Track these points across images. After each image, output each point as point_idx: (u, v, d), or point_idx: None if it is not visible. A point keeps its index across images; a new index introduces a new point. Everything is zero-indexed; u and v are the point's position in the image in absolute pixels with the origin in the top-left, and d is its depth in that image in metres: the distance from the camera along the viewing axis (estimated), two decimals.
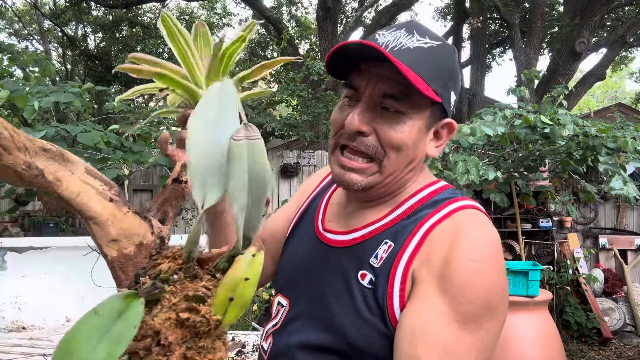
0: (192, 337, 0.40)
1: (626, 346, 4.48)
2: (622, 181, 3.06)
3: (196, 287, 0.42)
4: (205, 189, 0.42)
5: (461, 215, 0.70)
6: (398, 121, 0.70)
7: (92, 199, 0.45)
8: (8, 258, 3.94)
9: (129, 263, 0.46)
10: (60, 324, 3.54)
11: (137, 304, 0.39)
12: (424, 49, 0.69)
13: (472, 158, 3.26)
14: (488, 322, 0.64)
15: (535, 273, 3.30)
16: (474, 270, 0.64)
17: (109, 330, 0.37)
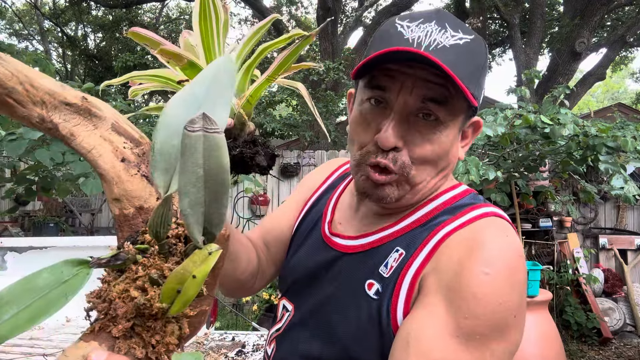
0: (138, 316, 0.40)
1: (626, 346, 4.48)
2: (622, 180, 3.06)
3: (161, 267, 0.41)
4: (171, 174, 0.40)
5: (482, 223, 0.64)
6: (434, 131, 0.63)
7: (102, 156, 0.45)
8: (8, 258, 3.94)
9: (126, 223, 0.46)
10: (60, 324, 3.54)
11: (82, 276, 0.38)
12: (459, 45, 0.62)
13: (472, 158, 3.26)
14: (495, 342, 0.57)
15: (535, 273, 3.30)
16: (485, 283, 0.57)
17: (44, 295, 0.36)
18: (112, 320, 0.39)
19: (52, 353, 2.69)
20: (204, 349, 2.62)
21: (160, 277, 0.40)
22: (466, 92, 0.60)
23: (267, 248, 0.86)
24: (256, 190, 5.40)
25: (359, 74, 0.66)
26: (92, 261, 0.40)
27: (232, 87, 0.44)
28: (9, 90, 0.39)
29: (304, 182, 0.92)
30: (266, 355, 0.82)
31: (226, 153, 0.38)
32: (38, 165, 3.55)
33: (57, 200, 5.31)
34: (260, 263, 0.83)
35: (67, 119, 0.44)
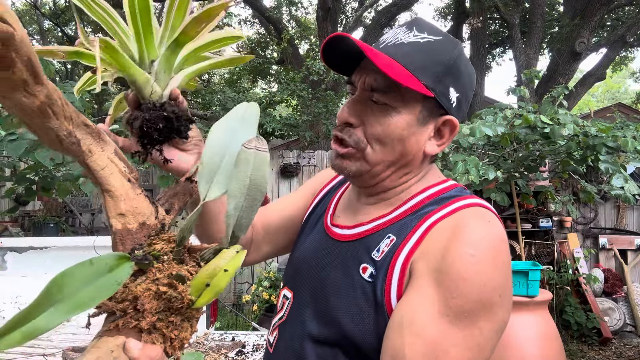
0: (165, 310, 0.45)
1: (626, 346, 4.48)
2: (622, 179, 3.06)
3: (180, 269, 0.47)
4: (211, 184, 0.49)
5: (466, 212, 0.69)
6: (385, 114, 0.70)
7: (113, 175, 0.51)
8: (8, 258, 3.94)
9: (129, 237, 0.50)
10: (60, 323, 3.55)
11: (126, 266, 0.45)
12: (419, 43, 0.69)
13: (472, 158, 3.26)
14: (483, 320, 0.62)
15: (535, 273, 3.30)
16: (471, 265, 0.62)
17: (97, 280, 0.42)
18: (137, 316, 0.44)
19: (52, 353, 2.69)
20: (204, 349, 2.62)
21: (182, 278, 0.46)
22: (400, 80, 0.65)
23: (265, 231, 0.94)
24: None
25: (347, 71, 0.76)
26: (132, 256, 0.46)
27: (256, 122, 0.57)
28: (53, 101, 0.44)
29: (318, 176, 0.99)
30: (268, 344, 0.85)
31: (268, 169, 0.47)
32: (38, 165, 3.55)
33: (57, 200, 5.31)
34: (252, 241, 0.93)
35: (85, 138, 0.50)
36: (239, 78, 8.15)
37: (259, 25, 12.83)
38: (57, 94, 0.45)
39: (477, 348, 0.61)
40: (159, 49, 0.59)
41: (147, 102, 0.58)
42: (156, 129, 0.58)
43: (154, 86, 0.58)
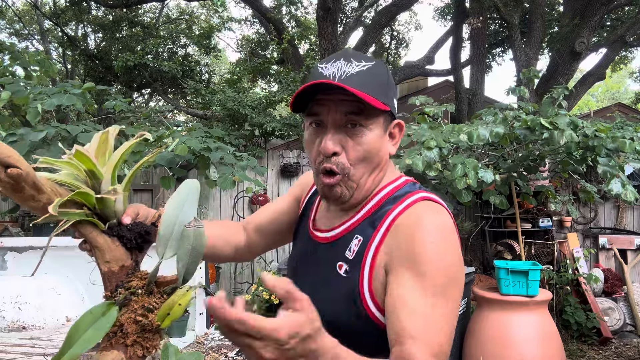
0: (141, 331, 0.68)
1: (626, 346, 4.48)
2: (620, 184, 3.06)
3: (150, 301, 0.69)
4: (166, 248, 0.72)
5: (418, 206, 0.84)
6: (361, 135, 0.84)
7: (98, 236, 0.75)
8: (8, 258, 3.94)
9: (114, 277, 0.73)
10: (60, 323, 3.54)
11: (113, 310, 0.67)
12: (364, 71, 0.83)
13: (470, 160, 3.26)
14: (452, 290, 0.79)
15: (535, 273, 3.30)
16: (433, 250, 0.78)
17: (95, 323, 0.65)
18: (124, 336, 0.67)
19: (52, 353, 2.68)
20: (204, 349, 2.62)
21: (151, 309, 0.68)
22: (370, 102, 0.81)
23: (257, 232, 1.13)
24: (257, 190, 5.40)
25: (297, 109, 0.88)
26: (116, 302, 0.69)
27: (197, 198, 0.77)
28: (51, 200, 0.69)
29: (300, 181, 1.14)
30: None
31: (205, 237, 0.70)
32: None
33: None
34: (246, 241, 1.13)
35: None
36: (239, 78, 8.15)
37: (259, 25, 12.84)
38: (55, 195, 0.70)
39: (455, 311, 0.80)
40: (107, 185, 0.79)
41: (117, 223, 0.79)
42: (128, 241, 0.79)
43: (118, 204, 0.78)
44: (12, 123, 5.00)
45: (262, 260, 5.70)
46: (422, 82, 12.51)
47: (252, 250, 1.14)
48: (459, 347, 3.49)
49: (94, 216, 0.77)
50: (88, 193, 0.74)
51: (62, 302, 3.77)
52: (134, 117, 4.96)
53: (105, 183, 0.76)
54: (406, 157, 3.27)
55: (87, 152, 0.74)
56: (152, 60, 8.78)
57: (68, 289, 3.88)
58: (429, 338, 0.75)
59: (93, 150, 0.77)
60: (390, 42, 13.33)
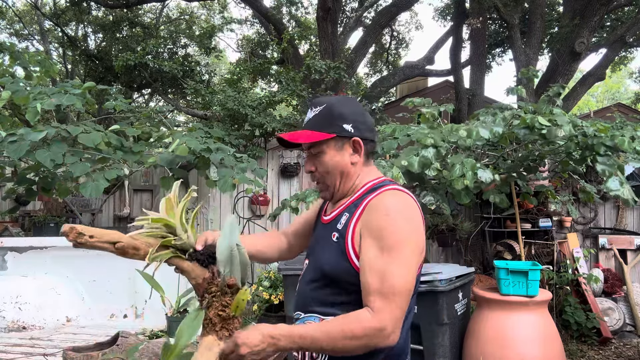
0: (223, 320, 1.09)
1: (626, 346, 4.48)
2: (618, 182, 3.06)
3: (225, 300, 1.11)
4: (224, 267, 1.14)
5: (386, 193, 1.18)
6: (320, 157, 1.24)
7: (183, 263, 1.16)
8: (8, 258, 3.94)
9: (199, 286, 1.14)
10: (61, 323, 3.53)
11: (201, 314, 1.10)
12: (316, 114, 1.24)
13: (468, 160, 3.26)
14: (402, 248, 1.10)
15: (535, 273, 3.30)
16: (386, 220, 1.11)
17: (192, 323, 1.10)
18: (214, 326, 1.09)
19: (53, 353, 2.69)
20: None
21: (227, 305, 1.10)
22: (315, 137, 1.21)
23: (294, 236, 1.51)
24: (257, 191, 5.40)
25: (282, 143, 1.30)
26: (203, 307, 1.12)
27: (237, 228, 1.17)
28: (145, 252, 1.15)
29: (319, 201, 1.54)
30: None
31: (246, 255, 1.16)
32: (38, 165, 3.55)
33: (57, 200, 5.31)
34: (287, 244, 1.51)
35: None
36: (239, 78, 8.14)
37: (259, 25, 12.83)
38: (148, 247, 1.13)
39: (405, 265, 1.10)
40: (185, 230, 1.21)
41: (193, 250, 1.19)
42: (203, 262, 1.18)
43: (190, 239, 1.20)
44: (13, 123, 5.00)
45: None
46: (422, 83, 12.51)
47: (292, 250, 1.52)
48: (459, 347, 3.49)
49: (177, 251, 1.16)
50: (169, 238, 1.15)
51: (62, 302, 3.76)
52: (134, 117, 4.96)
53: (178, 229, 1.15)
54: (402, 157, 3.27)
55: (162, 214, 1.14)
56: (153, 61, 8.78)
57: (68, 289, 3.87)
58: (383, 286, 1.07)
59: (164, 210, 1.15)
60: (390, 42, 13.33)
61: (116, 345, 2.31)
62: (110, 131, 3.80)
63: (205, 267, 1.14)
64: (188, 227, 1.17)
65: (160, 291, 2.41)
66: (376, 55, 13.77)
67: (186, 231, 1.16)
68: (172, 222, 1.14)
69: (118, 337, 2.39)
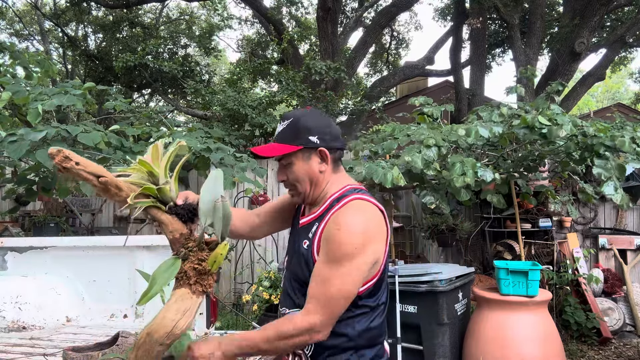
0: (198, 274, 1.08)
1: (626, 346, 4.48)
2: (613, 187, 3.06)
3: (202, 255, 1.10)
4: (206, 218, 1.11)
5: (347, 206, 1.25)
6: (289, 168, 1.32)
7: (162, 215, 1.15)
8: (8, 258, 3.93)
9: (176, 241, 1.12)
10: (61, 323, 3.53)
11: (178, 261, 1.08)
12: (284, 128, 1.32)
13: (469, 160, 3.26)
14: (345, 262, 1.18)
15: (534, 273, 3.31)
16: (336, 234, 1.20)
17: (168, 269, 1.07)
18: (188, 279, 1.08)
19: (53, 353, 2.69)
20: None
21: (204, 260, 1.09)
22: (277, 152, 1.29)
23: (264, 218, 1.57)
24: (257, 191, 5.40)
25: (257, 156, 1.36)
26: (179, 256, 1.10)
27: (222, 182, 1.13)
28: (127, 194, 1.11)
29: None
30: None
31: (229, 208, 1.11)
32: (38, 165, 3.55)
33: (57, 200, 5.31)
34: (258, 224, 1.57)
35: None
36: (239, 78, 8.14)
37: (259, 25, 12.83)
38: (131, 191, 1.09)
39: (345, 277, 1.18)
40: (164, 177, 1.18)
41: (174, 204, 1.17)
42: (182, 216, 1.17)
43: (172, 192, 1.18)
44: (13, 123, 5.01)
45: (262, 261, 5.70)
46: (422, 83, 12.51)
47: (262, 231, 1.60)
48: (459, 347, 3.49)
49: (158, 202, 1.13)
50: (151, 187, 1.11)
51: (62, 302, 3.76)
52: (134, 117, 4.96)
53: (161, 179, 1.13)
54: (405, 154, 3.27)
55: (147, 159, 1.10)
56: (153, 61, 8.78)
57: (68, 289, 3.87)
58: (320, 294, 1.19)
59: (149, 158, 1.12)
60: (390, 42, 13.33)
61: (116, 345, 2.31)
62: (110, 131, 3.81)
63: (184, 222, 1.14)
64: (171, 181, 1.15)
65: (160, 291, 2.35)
66: (376, 55, 13.77)
67: (168, 183, 1.14)
68: (156, 170, 1.12)
69: (118, 337, 2.39)
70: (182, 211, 1.15)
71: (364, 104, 8.23)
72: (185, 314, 1.04)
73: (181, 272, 1.07)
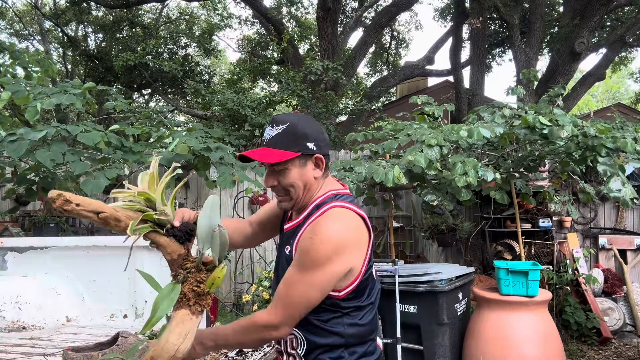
0: (197, 296, 1.12)
1: (626, 346, 4.48)
2: (620, 182, 3.06)
3: (200, 276, 1.13)
4: (204, 244, 1.15)
5: (325, 214, 1.26)
6: (283, 173, 1.30)
7: (160, 238, 1.18)
8: (8, 258, 3.93)
9: (175, 262, 1.17)
10: (61, 324, 3.53)
11: (177, 287, 1.12)
12: (279, 133, 1.28)
13: (470, 159, 3.26)
14: (315, 270, 1.20)
15: (534, 273, 3.30)
16: (309, 242, 1.21)
17: (168, 296, 1.11)
18: (188, 300, 1.11)
19: (53, 353, 2.68)
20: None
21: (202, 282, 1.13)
22: (273, 159, 1.25)
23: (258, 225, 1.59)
24: (256, 191, 5.40)
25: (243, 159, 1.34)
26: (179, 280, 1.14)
27: (218, 208, 1.19)
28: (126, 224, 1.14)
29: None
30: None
31: (226, 235, 1.16)
32: (38, 165, 3.55)
33: None
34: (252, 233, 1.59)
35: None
36: (239, 79, 8.14)
37: (259, 25, 12.83)
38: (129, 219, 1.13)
39: (312, 285, 1.21)
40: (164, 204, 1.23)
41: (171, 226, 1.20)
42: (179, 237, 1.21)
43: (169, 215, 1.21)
44: (13, 123, 5.00)
45: (262, 261, 5.70)
46: (422, 82, 12.51)
47: (256, 238, 1.61)
48: (459, 347, 3.49)
49: (156, 226, 1.18)
50: (149, 213, 1.17)
51: (62, 302, 3.76)
52: (134, 118, 4.96)
53: (158, 203, 1.18)
54: (407, 154, 3.27)
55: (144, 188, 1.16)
56: (153, 61, 8.78)
57: (68, 289, 3.87)
58: (284, 296, 1.23)
59: (146, 184, 1.18)
60: (390, 42, 13.33)
61: (116, 345, 2.31)
62: (110, 131, 3.80)
63: (181, 244, 1.18)
64: (168, 204, 1.19)
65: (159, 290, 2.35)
66: (376, 55, 13.77)
67: (166, 207, 1.19)
68: (153, 196, 1.17)
69: (118, 337, 2.39)
70: (179, 233, 1.18)
71: (363, 103, 8.23)
72: (187, 338, 1.10)
73: (181, 294, 1.11)
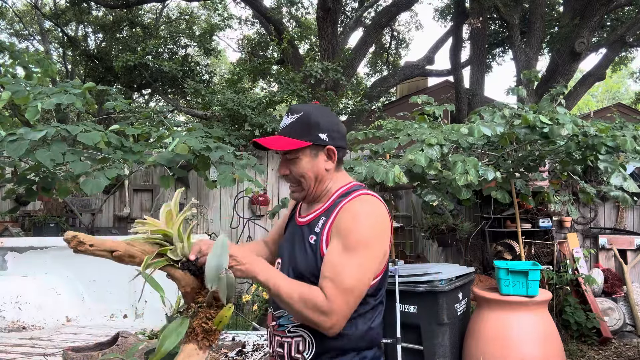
0: (205, 332, 1.17)
1: (626, 346, 4.48)
2: (622, 178, 3.06)
3: (210, 312, 1.18)
4: (212, 284, 1.15)
5: (356, 199, 1.26)
6: (294, 162, 1.31)
7: (175, 271, 1.20)
8: (8, 258, 3.93)
9: (188, 295, 1.21)
10: (61, 324, 3.53)
11: (186, 322, 1.17)
12: (293, 122, 1.30)
13: (471, 159, 3.26)
14: (362, 250, 1.19)
15: (534, 273, 3.30)
16: (352, 223, 1.21)
17: (176, 330, 1.15)
18: (196, 335, 1.17)
19: (53, 353, 2.68)
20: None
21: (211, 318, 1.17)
22: (287, 146, 1.27)
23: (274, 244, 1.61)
24: (256, 191, 5.40)
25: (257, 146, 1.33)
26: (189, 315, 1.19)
27: (227, 250, 1.16)
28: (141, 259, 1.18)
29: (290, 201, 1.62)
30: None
31: (234, 279, 1.16)
32: (38, 165, 3.55)
33: (57, 200, 5.31)
34: (269, 252, 1.61)
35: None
36: (239, 79, 8.14)
37: (259, 25, 12.83)
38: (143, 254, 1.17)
39: (360, 267, 1.19)
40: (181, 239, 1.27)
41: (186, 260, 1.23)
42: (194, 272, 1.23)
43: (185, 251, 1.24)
44: (13, 123, 5.00)
45: None
46: (422, 82, 12.52)
47: (275, 256, 1.60)
48: (459, 347, 3.49)
49: (170, 260, 1.21)
50: (167, 248, 1.21)
51: (62, 302, 3.76)
52: (134, 117, 4.96)
53: (175, 239, 1.22)
54: (408, 153, 3.27)
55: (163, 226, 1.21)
56: (153, 61, 8.77)
57: (68, 289, 3.87)
58: (337, 278, 1.18)
59: (163, 219, 1.23)
60: (390, 42, 13.33)
61: (116, 345, 2.31)
62: (110, 131, 3.80)
63: (195, 277, 1.20)
64: (185, 238, 1.22)
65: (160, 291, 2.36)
66: (376, 55, 13.77)
67: (182, 241, 1.21)
68: (170, 232, 1.21)
69: (118, 337, 2.39)
70: (193, 267, 1.21)
71: (363, 103, 8.23)
72: None
73: (190, 328, 1.15)
